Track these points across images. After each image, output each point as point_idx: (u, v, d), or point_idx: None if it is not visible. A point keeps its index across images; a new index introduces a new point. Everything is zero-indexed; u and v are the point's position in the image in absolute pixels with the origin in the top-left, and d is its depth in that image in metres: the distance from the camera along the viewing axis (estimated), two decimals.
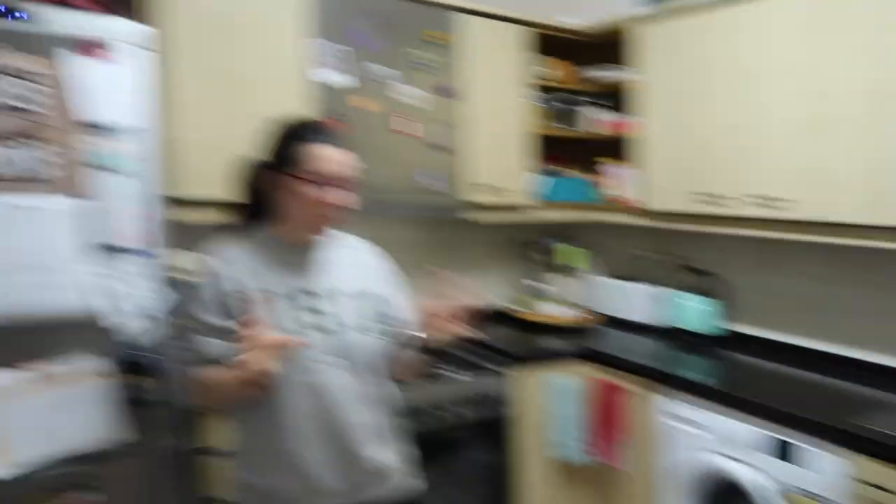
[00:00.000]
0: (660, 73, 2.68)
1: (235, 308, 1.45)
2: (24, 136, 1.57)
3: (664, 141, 2.69)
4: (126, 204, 1.71)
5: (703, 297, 2.81)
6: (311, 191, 1.49)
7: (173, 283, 1.90)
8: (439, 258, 3.11)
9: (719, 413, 2.17)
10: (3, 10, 1.54)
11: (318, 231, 1.55)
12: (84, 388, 1.69)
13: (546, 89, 3.03)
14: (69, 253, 1.64)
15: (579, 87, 3.13)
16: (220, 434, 2.02)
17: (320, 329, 1.50)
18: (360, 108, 2.46)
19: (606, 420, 2.57)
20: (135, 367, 1.74)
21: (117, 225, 1.70)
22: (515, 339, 2.86)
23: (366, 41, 2.46)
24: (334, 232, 1.61)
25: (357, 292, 1.58)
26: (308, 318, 1.50)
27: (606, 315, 3.19)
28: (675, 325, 2.88)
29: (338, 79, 2.42)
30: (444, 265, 2.99)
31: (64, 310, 1.64)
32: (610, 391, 2.56)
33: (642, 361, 2.52)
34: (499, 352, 2.63)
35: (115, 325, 1.72)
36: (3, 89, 1.54)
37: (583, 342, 2.81)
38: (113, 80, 1.67)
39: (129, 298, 1.73)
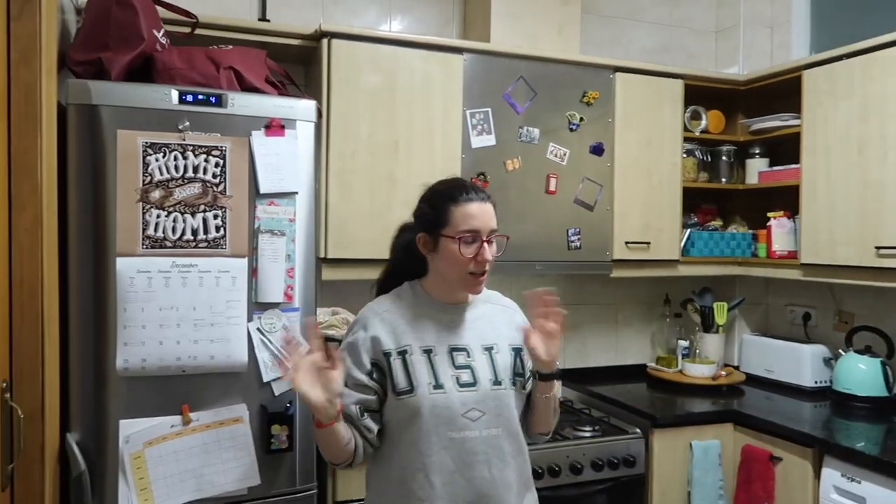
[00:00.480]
0: (827, 118, 2.56)
1: (378, 364, 1.51)
2: (208, 204, 1.78)
3: (828, 189, 2.55)
4: (282, 264, 1.87)
5: (868, 356, 2.59)
6: (463, 249, 1.51)
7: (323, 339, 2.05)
8: (583, 315, 3.11)
9: (887, 487, 1.98)
10: (213, 100, 1.78)
11: (471, 287, 1.56)
12: (227, 434, 1.83)
13: (700, 141, 3.00)
14: (233, 309, 1.82)
15: (734, 137, 3.06)
16: (352, 484, 2.12)
17: (469, 385, 1.52)
18: (512, 169, 2.54)
19: (754, 489, 2.41)
20: (276, 416, 1.86)
21: (274, 283, 1.86)
22: (655, 399, 2.76)
23: (516, 104, 2.54)
24: (483, 290, 1.62)
25: (504, 348, 1.59)
26: (457, 373, 1.52)
27: (754, 375, 3.02)
28: (835, 387, 2.67)
29: (490, 143, 2.52)
30: (588, 322, 3.01)
31: (223, 361, 1.81)
32: (759, 457, 2.40)
33: (798, 426, 2.35)
34: (636, 411, 2.55)
35: (262, 375, 1.86)
36: (198, 164, 1.77)
37: (728, 403, 2.67)
38: (283, 152, 1.86)
39: (279, 352, 1.88)
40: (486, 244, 1.52)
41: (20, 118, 1.56)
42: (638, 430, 2.47)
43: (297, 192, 1.88)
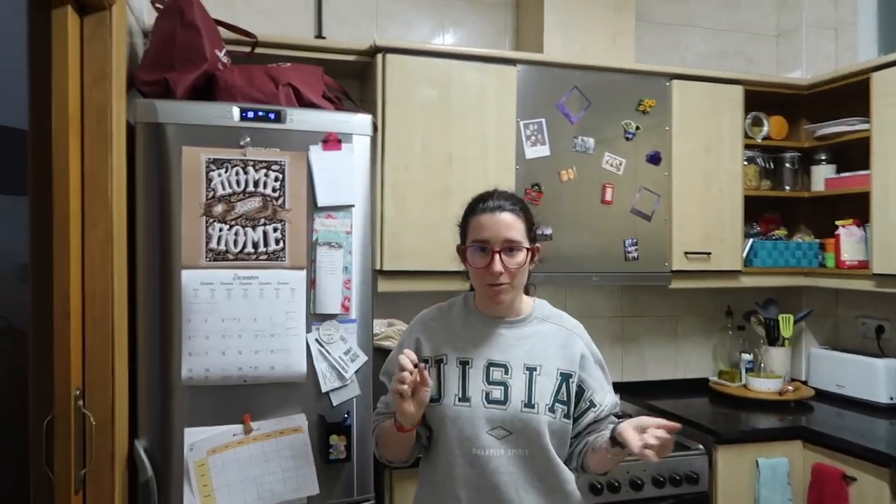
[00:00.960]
0: None
1: (446, 377, 1.52)
2: (268, 218, 1.83)
3: None
4: (340, 276, 1.90)
5: None
6: (474, 259, 1.50)
7: (377, 350, 2.07)
8: (641, 327, 3.05)
9: None
10: (272, 116, 1.83)
11: (491, 300, 1.51)
12: (287, 443, 1.85)
13: (762, 148, 2.92)
14: (292, 320, 1.85)
15: (798, 143, 2.98)
16: (408, 494, 2.12)
17: (498, 402, 1.48)
18: (567, 179, 2.52)
19: None
20: (334, 426, 1.88)
21: (331, 294, 1.89)
22: (718, 414, 2.68)
23: (571, 114, 2.52)
24: (541, 306, 1.60)
25: (550, 371, 1.52)
26: (488, 388, 1.49)
27: (823, 390, 2.90)
28: None
29: (545, 153, 2.50)
30: (646, 334, 2.96)
31: (283, 371, 1.84)
32: (831, 477, 2.30)
33: (873, 444, 2.24)
34: (698, 427, 2.48)
35: (320, 385, 1.88)
36: (258, 179, 1.81)
37: (796, 419, 2.57)
38: (340, 166, 1.89)
39: (337, 362, 1.90)
40: (496, 255, 1.47)
41: (93, 138, 1.64)
42: (701, 447, 2.39)
43: (353, 205, 1.91)
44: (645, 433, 1.34)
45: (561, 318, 1.62)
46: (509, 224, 1.49)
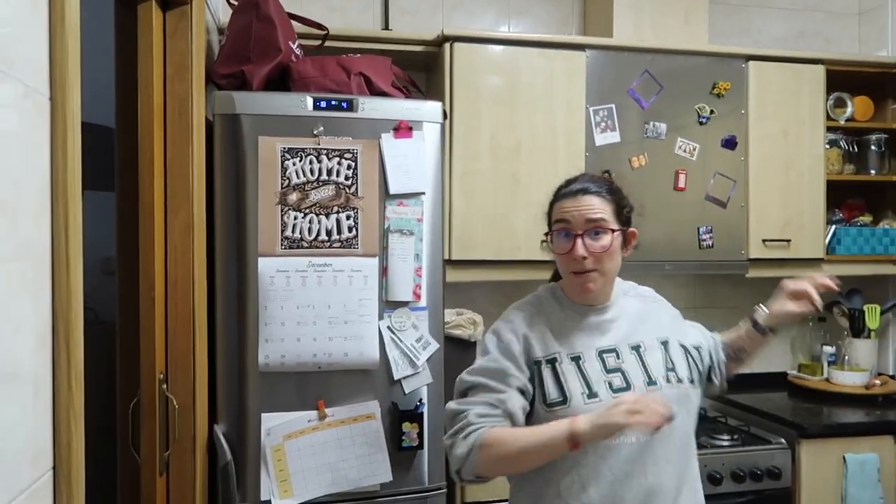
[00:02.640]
0: None
1: (531, 371, 1.42)
2: (341, 206, 1.85)
3: None
4: (411, 263, 1.90)
5: None
6: (557, 244, 1.44)
7: (448, 338, 2.07)
8: (714, 318, 2.94)
9: None
10: (344, 105, 1.86)
11: (576, 289, 1.45)
12: (360, 430, 1.87)
13: (845, 131, 2.78)
14: (365, 307, 1.87)
15: (885, 125, 2.83)
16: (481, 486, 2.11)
17: (622, 389, 1.40)
18: (637, 166, 2.47)
19: None
20: (406, 414, 1.88)
21: (403, 282, 1.90)
22: (799, 408, 2.57)
23: (642, 99, 2.47)
24: (619, 284, 1.54)
25: (653, 345, 1.47)
26: (608, 378, 1.42)
27: None
28: None
29: (615, 140, 2.45)
30: (720, 326, 2.86)
31: (356, 358, 1.85)
32: None
33: None
34: (780, 420, 2.39)
35: (393, 373, 1.89)
36: (332, 167, 1.84)
37: (885, 414, 2.44)
38: (411, 153, 1.90)
39: (409, 350, 1.91)
40: (579, 238, 1.40)
41: (175, 130, 1.69)
42: (783, 441, 2.30)
43: (423, 193, 1.91)
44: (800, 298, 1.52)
45: (636, 289, 1.60)
46: (592, 205, 1.42)
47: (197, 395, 1.74)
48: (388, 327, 1.88)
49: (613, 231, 1.42)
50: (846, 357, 2.77)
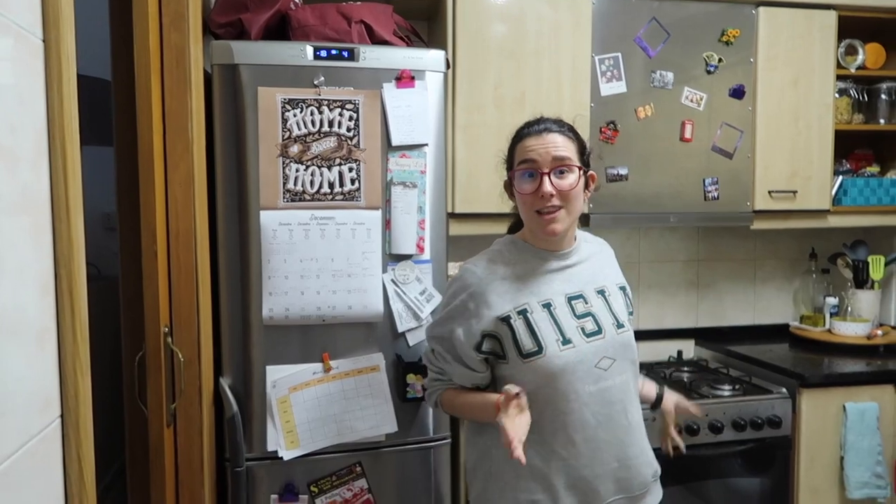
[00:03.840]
0: None
1: (493, 334, 1.43)
2: (343, 158, 1.83)
3: None
4: (414, 216, 1.89)
5: None
6: (521, 184, 1.42)
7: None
8: (719, 271, 2.95)
9: None
10: (345, 55, 1.82)
11: (541, 229, 1.42)
12: (365, 382, 1.88)
13: (856, 79, 2.72)
14: (368, 260, 1.86)
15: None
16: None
17: (595, 333, 1.43)
18: (644, 117, 2.42)
19: None
20: (410, 366, 1.89)
21: (406, 234, 1.89)
22: (800, 359, 2.58)
23: (648, 48, 2.41)
24: (578, 231, 1.56)
25: (614, 289, 1.53)
26: (580, 323, 1.43)
27: None
28: None
29: (621, 90, 2.40)
30: (724, 279, 2.86)
31: (360, 311, 1.86)
32: None
33: None
34: (781, 370, 2.40)
35: (396, 325, 1.89)
36: (333, 119, 1.81)
37: (886, 364, 2.45)
38: (413, 104, 1.86)
39: (412, 302, 1.91)
40: (545, 176, 1.37)
41: (172, 80, 1.65)
42: (784, 390, 2.32)
43: (426, 144, 1.89)
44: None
45: (591, 237, 1.63)
46: (558, 143, 1.41)
47: (202, 348, 1.75)
48: (392, 280, 1.88)
49: (580, 169, 1.42)
50: (849, 308, 2.78)
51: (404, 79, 1.84)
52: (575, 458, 1.41)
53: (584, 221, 2.40)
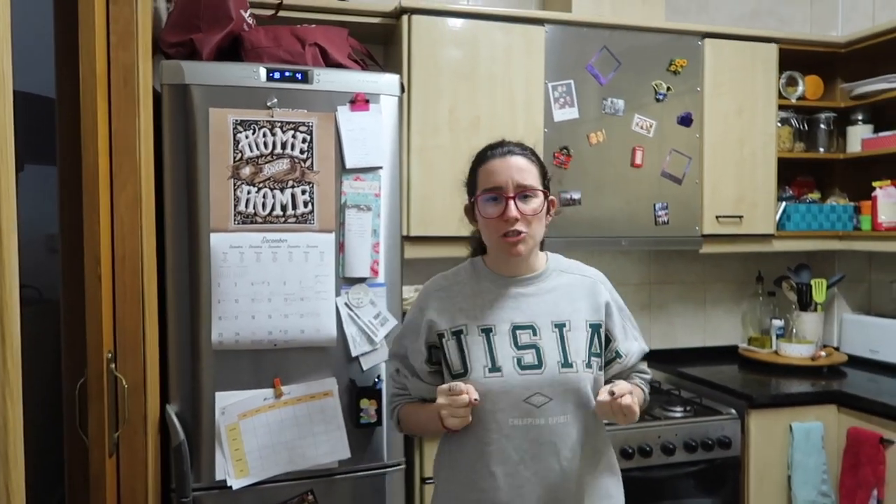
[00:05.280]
0: None
1: (435, 347, 1.45)
2: (296, 180, 1.80)
3: None
4: (369, 238, 1.87)
5: None
6: (486, 209, 1.40)
7: (404, 315, 2.05)
8: (669, 294, 3.01)
9: None
10: (299, 77, 1.81)
11: (510, 252, 1.40)
12: (317, 407, 1.85)
13: (796, 109, 2.84)
14: (321, 284, 1.84)
15: (834, 103, 2.89)
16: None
17: (532, 367, 1.38)
18: (596, 142, 2.46)
19: (862, 473, 2.27)
20: (364, 390, 1.87)
21: (360, 258, 1.87)
22: (749, 380, 2.64)
23: (600, 75, 2.46)
24: (556, 259, 1.52)
25: (580, 325, 1.43)
26: (519, 354, 1.39)
27: (856, 356, 2.86)
28: None
29: (573, 116, 2.44)
30: (674, 301, 2.91)
31: (313, 335, 1.82)
32: (867, 440, 2.26)
33: None
34: (730, 392, 2.45)
35: (350, 349, 1.86)
36: (286, 140, 1.79)
37: (829, 384, 2.52)
38: (368, 127, 1.86)
39: (366, 326, 1.88)
40: (510, 201, 1.36)
41: (120, 100, 1.62)
42: (733, 411, 2.36)
43: (381, 167, 1.88)
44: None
45: (580, 268, 1.53)
46: (522, 167, 1.40)
47: (148, 374, 1.69)
48: (346, 304, 1.86)
49: (543, 191, 1.41)
50: (794, 330, 2.85)
51: (358, 102, 1.84)
52: (494, 492, 1.37)
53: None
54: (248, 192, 1.77)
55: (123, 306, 1.65)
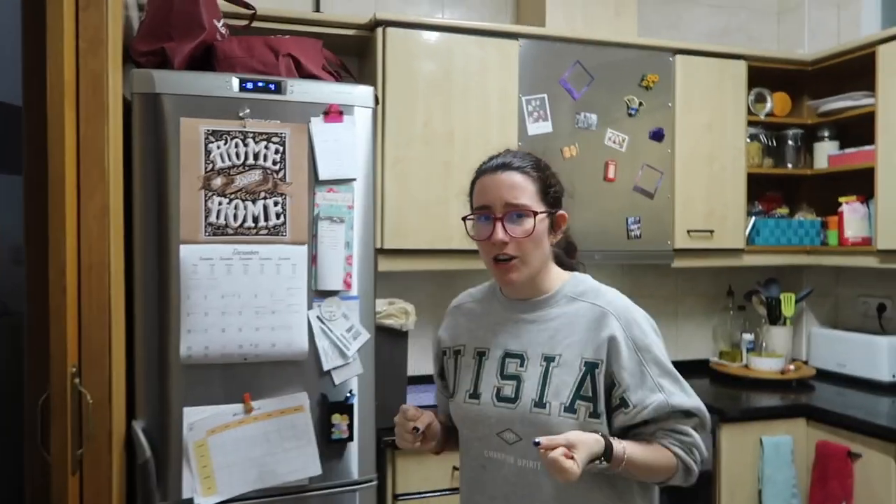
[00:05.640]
0: None
1: (446, 365, 1.43)
2: (268, 191, 1.78)
3: None
4: (342, 251, 1.86)
5: None
6: (475, 230, 1.30)
7: (380, 328, 2.04)
8: (644, 307, 3.01)
9: None
10: (272, 87, 1.79)
11: (498, 278, 1.30)
12: (288, 423, 1.81)
13: (765, 125, 2.90)
14: (293, 296, 1.81)
15: (801, 120, 2.96)
16: (411, 478, 2.09)
17: (507, 400, 1.27)
18: (569, 156, 2.48)
19: (831, 486, 2.29)
20: (336, 405, 1.84)
21: (333, 270, 1.85)
22: (720, 394, 2.66)
23: (573, 90, 2.48)
24: (576, 282, 1.35)
25: (572, 361, 1.25)
26: (500, 384, 1.29)
27: (824, 369, 2.90)
28: None
29: (547, 129, 2.46)
30: (649, 314, 2.91)
31: (284, 349, 1.80)
32: (835, 454, 2.29)
33: (879, 421, 2.22)
34: None
35: (322, 363, 1.84)
36: (258, 151, 1.76)
37: (798, 398, 2.55)
38: (341, 138, 1.84)
39: (339, 340, 1.86)
40: (498, 222, 1.24)
41: (88, 107, 1.59)
42: None
43: (355, 179, 1.87)
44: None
45: (597, 294, 1.32)
46: (513, 184, 1.25)
47: (113, 390, 1.65)
48: (318, 317, 1.84)
49: (536, 214, 1.25)
50: (763, 344, 2.89)
51: (332, 113, 1.82)
52: None
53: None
54: (220, 204, 1.74)
55: (89, 319, 1.61)
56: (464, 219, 1.34)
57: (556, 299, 1.32)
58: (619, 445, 1.18)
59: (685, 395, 1.27)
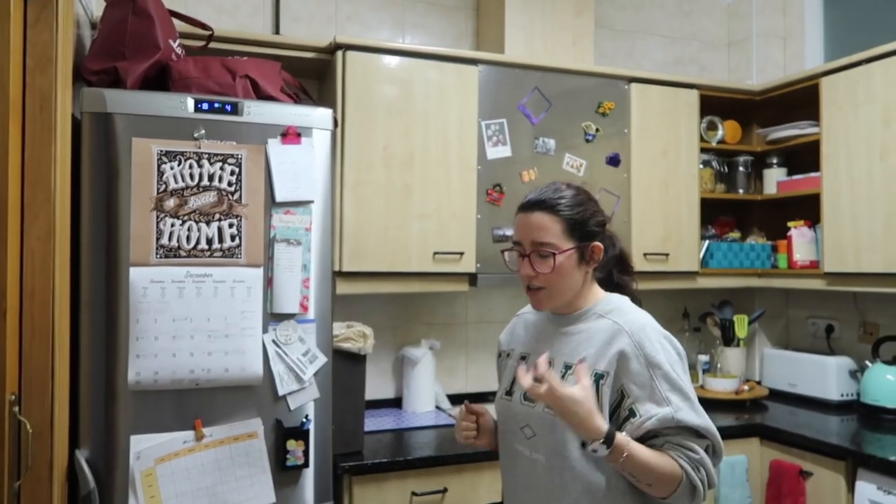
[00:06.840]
0: (847, 124, 2.52)
1: (499, 364, 1.65)
2: (223, 213, 1.75)
3: (851, 196, 2.51)
4: (298, 274, 1.83)
5: None
6: (509, 261, 1.50)
7: (337, 352, 2.01)
8: None
9: None
10: (228, 108, 1.77)
11: (531, 303, 1.48)
12: (241, 450, 1.77)
13: (717, 152, 2.97)
14: (248, 320, 1.78)
15: (751, 148, 3.04)
16: (368, 503, 2.05)
17: (531, 400, 1.42)
18: (528, 180, 2.50)
19: (784, 503, 2.33)
20: (291, 431, 1.81)
21: (289, 293, 1.82)
22: None
23: (532, 115, 2.51)
24: (608, 301, 1.45)
25: (590, 371, 1.36)
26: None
27: (777, 389, 2.96)
28: (863, 399, 2.60)
29: (506, 154, 2.49)
30: None
31: (238, 374, 1.76)
32: (788, 472, 2.33)
33: (828, 439, 2.27)
34: None
35: (277, 388, 1.80)
36: (213, 173, 1.74)
37: (752, 418, 2.60)
38: (299, 160, 1.83)
39: (295, 364, 1.83)
40: (525, 259, 1.41)
41: (35, 126, 1.55)
42: None
43: (312, 201, 1.85)
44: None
45: (621, 314, 1.42)
46: (539, 225, 1.39)
47: (56, 418, 1.58)
48: (273, 341, 1.80)
49: (556, 254, 1.38)
50: (718, 364, 2.94)
51: (290, 135, 1.81)
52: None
53: (472, 282, 2.42)
54: (172, 225, 1.71)
55: (31, 344, 1.55)
56: (502, 252, 1.55)
57: (587, 315, 1.45)
58: (623, 437, 1.27)
59: (694, 413, 1.34)
